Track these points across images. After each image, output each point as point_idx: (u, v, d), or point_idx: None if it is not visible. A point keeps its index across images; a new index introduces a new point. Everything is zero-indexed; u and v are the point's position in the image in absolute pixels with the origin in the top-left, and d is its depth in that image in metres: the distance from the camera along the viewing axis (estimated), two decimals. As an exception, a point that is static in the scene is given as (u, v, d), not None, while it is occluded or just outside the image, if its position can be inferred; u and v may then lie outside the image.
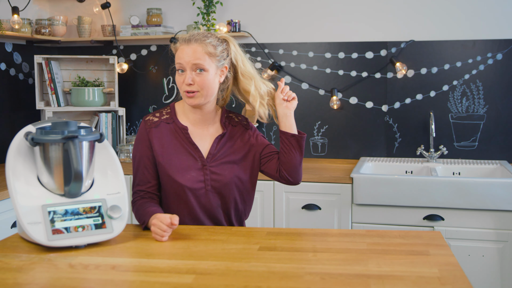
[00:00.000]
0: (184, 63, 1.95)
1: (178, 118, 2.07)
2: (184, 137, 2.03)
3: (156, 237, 1.80)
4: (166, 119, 2.06)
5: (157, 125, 2.04)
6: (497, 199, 2.84)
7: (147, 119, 2.06)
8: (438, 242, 1.77)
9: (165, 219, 1.79)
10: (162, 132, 2.03)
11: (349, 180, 3.06)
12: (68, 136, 1.71)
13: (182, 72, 1.97)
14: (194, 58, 1.94)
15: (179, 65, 1.97)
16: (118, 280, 1.48)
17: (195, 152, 2.02)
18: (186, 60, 1.95)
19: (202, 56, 1.95)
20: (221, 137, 2.06)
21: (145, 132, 2.04)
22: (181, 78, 1.97)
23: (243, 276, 1.49)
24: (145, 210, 1.94)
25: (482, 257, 2.89)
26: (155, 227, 1.80)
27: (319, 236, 1.86)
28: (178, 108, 2.10)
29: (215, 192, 2.02)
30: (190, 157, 2.01)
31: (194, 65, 1.94)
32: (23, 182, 1.75)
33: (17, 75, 3.66)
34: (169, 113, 2.08)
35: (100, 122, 3.70)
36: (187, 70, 1.95)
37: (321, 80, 3.69)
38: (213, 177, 2.01)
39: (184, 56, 1.95)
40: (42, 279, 1.49)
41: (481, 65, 3.44)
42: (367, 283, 1.42)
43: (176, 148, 2.02)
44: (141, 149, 2.04)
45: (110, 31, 3.85)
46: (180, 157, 2.01)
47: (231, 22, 3.68)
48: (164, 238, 1.80)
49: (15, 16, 3.35)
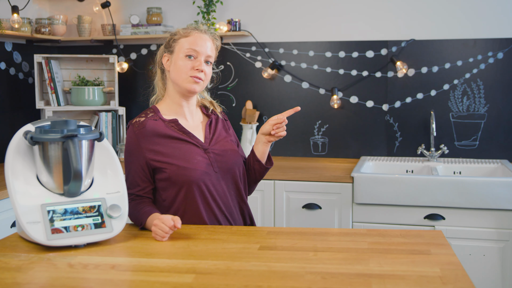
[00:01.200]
0: (200, 51, 1.98)
1: (163, 116, 2.05)
2: (177, 129, 2.01)
3: (156, 237, 1.79)
4: (152, 117, 2.03)
5: (145, 125, 1.99)
6: (498, 198, 2.83)
7: (134, 122, 2.01)
8: (439, 241, 1.76)
9: (167, 221, 1.77)
10: (153, 129, 1.99)
11: (349, 179, 3.05)
12: (68, 135, 1.70)
13: (191, 58, 1.98)
14: (209, 49, 2.00)
15: (193, 51, 1.97)
16: (118, 280, 1.47)
17: (193, 139, 2.01)
18: (203, 49, 1.98)
19: (213, 50, 2.03)
20: (210, 123, 2.09)
21: (135, 139, 1.98)
22: (192, 63, 1.97)
23: (243, 275, 1.48)
24: (141, 211, 1.92)
25: (483, 257, 2.88)
26: (157, 228, 1.79)
27: (320, 235, 1.85)
28: (160, 107, 2.07)
29: (223, 173, 2.01)
30: (190, 145, 2.00)
31: (208, 56, 2.00)
32: (22, 181, 1.74)
33: (17, 74, 3.66)
34: (152, 112, 2.05)
35: (100, 122, 3.69)
36: (199, 58, 1.98)
37: (321, 79, 3.68)
38: (218, 159, 2.01)
39: (203, 44, 1.98)
40: (41, 278, 1.48)
41: (482, 64, 3.43)
42: (369, 283, 1.41)
43: (173, 141, 1.99)
44: (132, 157, 1.99)
45: (110, 30, 3.84)
46: (180, 148, 1.98)
47: (231, 21, 3.67)
48: (164, 239, 1.79)
49: (15, 15, 3.34)
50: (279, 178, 3.18)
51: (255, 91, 3.79)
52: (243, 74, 3.80)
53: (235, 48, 3.79)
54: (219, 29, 3.66)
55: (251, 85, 3.79)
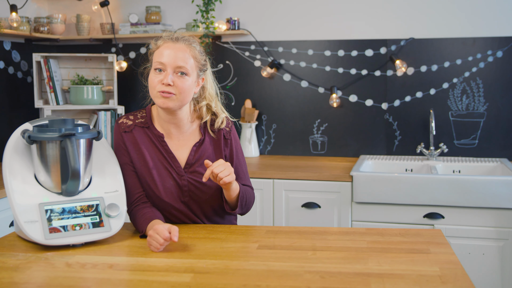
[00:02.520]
0: (167, 62, 1.81)
1: (154, 123, 1.96)
2: (160, 145, 1.93)
3: (151, 248, 1.69)
4: (140, 123, 1.95)
5: (131, 129, 1.94)
6: (498, 197, 2.83)
7: (120, 122, 1.95)
8: (438, 240, 1.76)
9: (162, 232, 1.65)
10: (136, 138, 1.93)
11: (349, 178, 3.05)
12: (65, 134, 1.70)
13: (160, 71, 1.83)
14: (179, 59, 1.82)
15: (159, 64, 1.82)
16: (115, 279, 1.46)
17: (172, 161, 1.92)
18: (169, 60, 1.81)
19: (187, 58, 1.83)
20: (199, 145, 1.95)
21: (120, 137, 1.94)
22: (159, 77, 1.82)
23: (242, 275, 1.47)
24: (142, 218, 1.86)
25: (482, 255, 2.88)
26: (151, 239, 1.68)
27: (319, 234, 1.85)
28: (154, 112, 1.98)
29: (193, 201, 1.94)
30: (167, 166, 1.92)
31: (177, 67, 1.82)
32: (20, 181, 1.73)
33: (15, 73, 3.65)
34: (144, 117, 1.96)
35: (99, 121, 3.69)
36: (167, 71, 1.82)
37: (320, 78, 3.68)
38: (191, 188, 1.92)
39: (169, 55, 1.81)
40: (39, 278, 1.48)
41: (481, 62, 3.42)
42: (368, 282, 1.40)
43: (152, 156, 1.92)
44: (121, 156, 1.94)
45: (109, 29, 3.84)
46: (156, 167, 1.91)
47: (230, 20, 3.66)
48: (158, 250, 1.68)
49: (13, 14, 3.34)
50: (278, 177, 3.17)
51: (254, 90, 3.78)
52: (242, 73, 3.80)
53: (234, 47, 3.79)
54: (218, 28, 3.65)
55: (250, 84, 3.79)
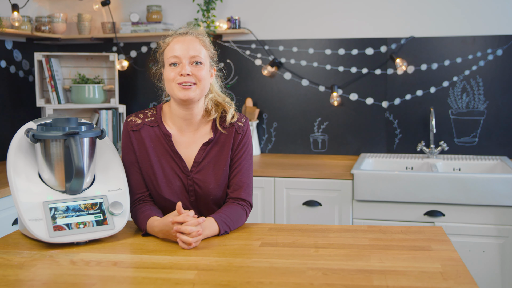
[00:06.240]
0: (181, 55, 1.85)
1: (164, 122, 1.95)
2: (167, 145, 1.92)
3: (183, 246, 1.69)
4: (150, 122, 1.94)
5: (139, 128, 1.93)
6: (498, 195, 2.84)
7: (129, 120, 1.95)
8: (440, 237, 1.77)
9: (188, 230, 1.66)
10: (143, 137, 1.92)
11: (349, 176, 3.06)
12: (69, 133, 1.71)
13: (176, 65, 1.86)
14: (192, 49, 1.86)
15: (174, 58, 1.85)
16: (120, 277, 1.48)
17: (179, 161, 1.92)
18: (183, 52, 1.85)
19: (199, 48, 1.87)
20: (207, 144, 1.94)
21: (127, 135, 1.94)
22: (176, 70, 1.85)
23: (245, 272, 1.49)
24: (141, 216, 1.86)
25: (482, 253, 2.89)
26: (180, 237, 1.69)
27: (321, 232, 1.86)
28: (165, 111, 1.97)
29: (199, 200, 1.94)
30: (173, 166, 1.92)
31: (192, 57, 1.86)
32: (24, 179, 1.74)
33: (17, 72, 3.66)
34: (154, 115, 1.96)
35: (100, 119, 3.70)
36: (183, 63, 1.85)
37: (321, 76, 3.69)
38: (196, 188, 1.92)
39: (182, 48, 1.85)
40: (44, 275, 1.49)
41: (481, 61, 3.43)
42: (370, 279, 1.42)
43: (158, 156, 1.92)
44: (127, 154, 1.95)
45: (110, 28, 3.85)
46: (163, 166, 1.92)
47: (231, 19, 3.67)
48: (196, 238, 1.68)
49: (15, 13, 3.34)
50: (279, 175, 3.18)
51: (255, 89, 3.79)
52: (243, 71, 3.81)
53: (235, 46, 3.79)
54: (219, 26, 3.66)
55: (251, 83, 3.80)
